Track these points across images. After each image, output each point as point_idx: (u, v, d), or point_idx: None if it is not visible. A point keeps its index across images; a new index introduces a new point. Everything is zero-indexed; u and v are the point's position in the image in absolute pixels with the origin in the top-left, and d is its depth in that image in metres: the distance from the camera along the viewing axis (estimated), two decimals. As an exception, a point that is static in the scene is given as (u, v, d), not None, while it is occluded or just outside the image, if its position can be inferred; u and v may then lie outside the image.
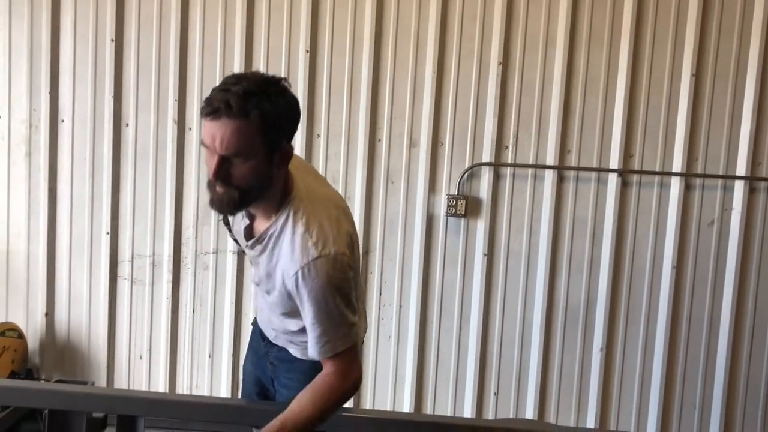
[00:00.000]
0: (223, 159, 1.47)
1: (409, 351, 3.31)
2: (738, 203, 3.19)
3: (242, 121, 1.44)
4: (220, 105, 1.45)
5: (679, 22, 3.14)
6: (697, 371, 3.29)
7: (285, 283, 1.60)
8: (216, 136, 1.45)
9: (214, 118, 1.45)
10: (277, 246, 1.61)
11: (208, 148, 1.49)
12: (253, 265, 1.75)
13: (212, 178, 1.50)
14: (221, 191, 1.52)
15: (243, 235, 1.71)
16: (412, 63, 3.21)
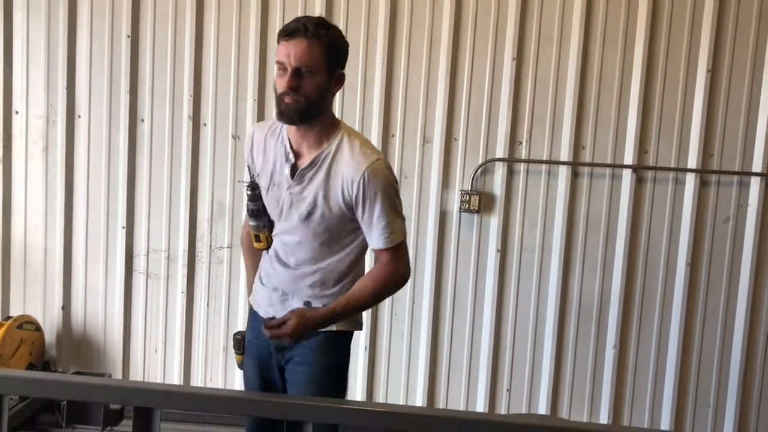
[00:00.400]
0: (295, 71, 1.78)
1: (422, 346, 3.32)
2: (754, 200, 3.17)
3: (314, 41, 1.78)
4: (298, 26, 1.78)
5: (695, 16, 3.11)
6: (712, 369, 3.27)
7: (349, 189, 1.87)
8: (291, 52, 1.78)
9: (291, 38, 1.78)
10: (335, 162, 1.89)
11: (282, 66, 1.80)
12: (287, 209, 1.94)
13: (286, 88, 1.78)
14: (290, 101, 1.80)
15: (288, 177, 1.91)
16: (425, 59, 3.20)
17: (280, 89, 1.82)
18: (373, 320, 3.31)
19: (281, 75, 1.81)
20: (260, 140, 2.00)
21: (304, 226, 1.93)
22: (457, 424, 1.64)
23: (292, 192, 1.93)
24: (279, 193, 1.95)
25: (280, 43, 1.82)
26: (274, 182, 1.95)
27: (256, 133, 2.03)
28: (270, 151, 1.96)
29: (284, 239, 2.00)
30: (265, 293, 2.07)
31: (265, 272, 2.08)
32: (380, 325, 3.33)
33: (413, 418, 1.66)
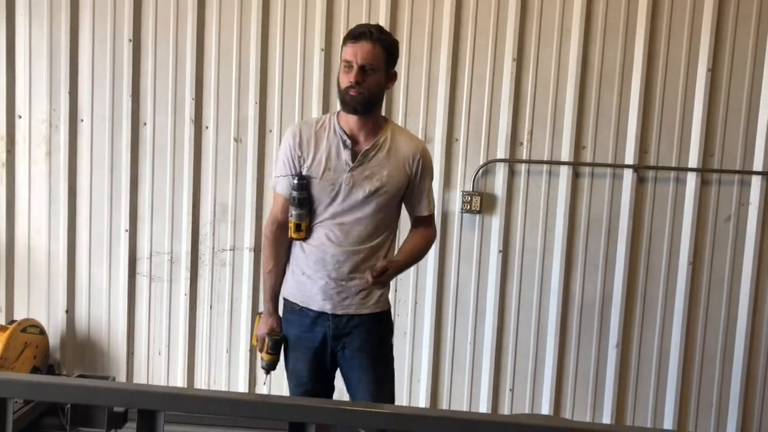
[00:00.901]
0: (361, 68, 2.09)
1: (425, 347, 3.31)
2: (755, 198, 3.16)
3: (376, 44, 2.10)
4: (364, 31, 2.11)
5: (695, 15, 3.11)
6: (714, 368, 3.26)
7: (410, 164, 2.24)
8: (358, 53, 2.09)
9: (358, 40, 2.10)
10: (393, 143, 2.22)
11: (348, 64, 2.10)
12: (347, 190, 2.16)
13: (352, 82, 2.09)
14: (355, 94, 2.10)
15: (347, 160, 2.16)
16: (426, 59, 3.20)
17: (345, 84, 2.12)
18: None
19: (347, 72, 2.11)
20: (309, 135, 2.21)
21: (367, 203, 2.18)
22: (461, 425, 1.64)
23: (353, 174, 2.17)
24: (336, 176, 2.16)
25: (346, 45, 2.12)
26: (329, 167, 2.17)
27: (304, 129, 2.22)
28: (322, 142, 2.19)
29: (341, 220, 2.18)
30: (316, 285, 2.21)
31: (313, 264, 2.20)
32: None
33: (416, 419, 1.65)
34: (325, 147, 2.19)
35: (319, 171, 2.17)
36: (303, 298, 2.25)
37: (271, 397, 1.83)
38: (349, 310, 2.22)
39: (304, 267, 2.23)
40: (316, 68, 3.22)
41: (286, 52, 3.24)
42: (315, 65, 3.22)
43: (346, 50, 2.12)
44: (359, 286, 2.21)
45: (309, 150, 2.19)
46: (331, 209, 2.18)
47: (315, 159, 2.18)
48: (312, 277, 2.22)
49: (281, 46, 3.23)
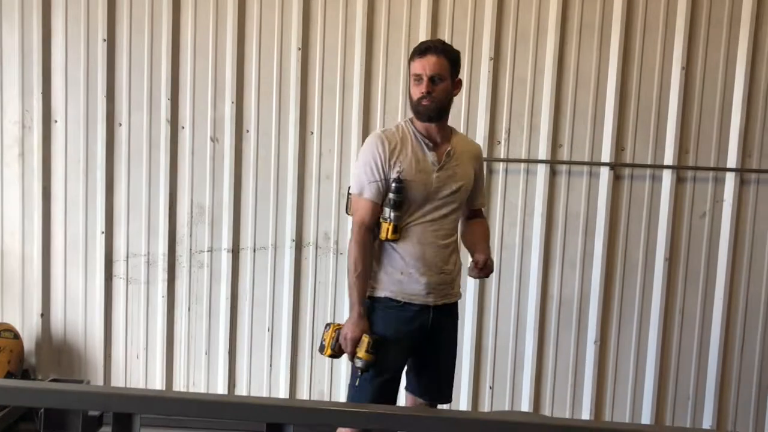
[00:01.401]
0: (430, 78, 2.28)
1: (405, 346, 3.31)
2: (729, 195, 3.21)
3: (441, 56, 2.29)
4: (430, 46, 2.31)
5: (669, 15, 3.15)
6: (691, 363, 3.30)
7: (477, 162, 2.50)
8: (426, 65, 2.28)
9: (424, 55, 2.29)
10: (461, 144, 2.44)
11: (419, 77, 2.30)
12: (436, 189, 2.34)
13: (424, 92, 2.28)
14: (427, 103, 2.30)
15: (434, 162, 2.35)
16: (404, 59, 3.20)
17: (417, 95, 2.31)
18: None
19: (417, 84, 2.31)
20: (396, 141, 2.34)
21: (452, 200, 2.38)
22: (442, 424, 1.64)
23: (440, 174, 2.34)
24: (426, 177, 2.33)
25: (414, 60, 2.31)
26: (419, 170, 2.32)
27: (389, 137, 2.35)
28: (408, 147, 2.34)
29: (432, 217, 2.36)
30: (419, 282, 2.34)
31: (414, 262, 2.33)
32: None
33: (397, 418, 1.66)
34: (411, 151, 2.34)
35: (412, 173, 2.32)
36: (404, 295, 2.36)
37: (249, 398, 1.82)
38: (447, 300, 2.43)
39: (402, 266, 2.35)
40: (293, 68, 3.21)
41: (263, 51, 3.22)
42: (292, 65, 3.21)
43: (415, 65, 2.31)
44: (451, 277, 2.42)
45: (400, 155, 2.32)
46: (424, 209, 2.35)
47: (407, 163, 2.32)
48: (413, 275, 2.35)
49: (258, 46, 3.21)
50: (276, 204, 3.27)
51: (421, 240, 2.35)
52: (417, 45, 2.37)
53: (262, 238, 3.28)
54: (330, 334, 2.42)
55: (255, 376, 3.36)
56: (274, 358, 3.34)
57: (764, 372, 3.30)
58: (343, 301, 3.29)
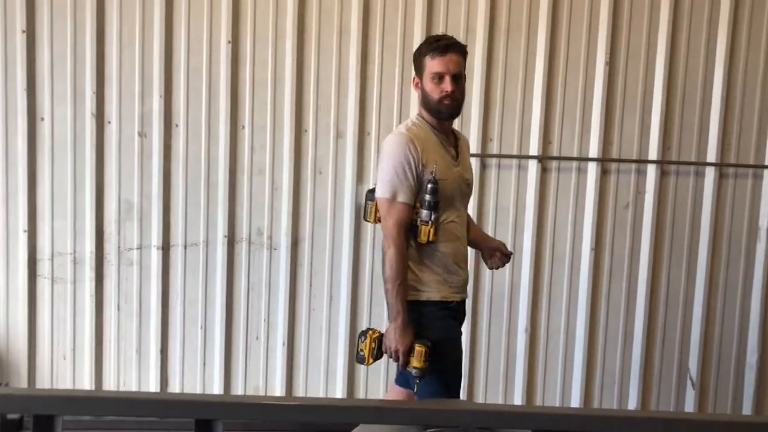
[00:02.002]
0: (453, 77, 2.30)
1: (341, 341, 3.35)
2: (651, 186, 3.37)
3: (461, 55, 2.34)
4: (450, 43, 2.32)
5: (593, 10, 3.28)
6: (616, 348, 3.46)
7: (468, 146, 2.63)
8: (450, 64, 2.30)
9: (446, 52, 2.29)
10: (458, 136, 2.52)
11: (440, 75, 2.29)
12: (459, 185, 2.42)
13: (449, 91, 2.29)
14: (450, 102, 2.32)
15: (454, 158, 2.41)
16: (336, 53, 3.23)
17: (439, 94, 2.31)
18: (291, 316, 3.32)
19: (438, 83, 2.30)
20: (422, 142, 2.33)
21: (469, 193, 2.53)
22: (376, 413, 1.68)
23: (459, 168, 2.42)
24: (453, 174, 2.37)
25: (434, 58, 2.30)
26: (447, 167, 2.36)
27: (415, 139, 2.32)
28: (431, 146, 2.34)
29: (460, 212, 2.44)
30: (459, 279, 2.43)
31: (452, 259, 2.39)
32: (298, 320, 3.34)
33: (331, 410, 1.69)
34: (434, 149, 2.35)
35: (443, 172, 2.33)
36: (452, 295, 2.40)
37: (176, 394, 1.82)
38: (467, 295, 2.54)
39: (445, 266, 2.38)
40: (223, 61, 3.19)
41: (192, 43, 3.18)
42: (222, 58, 3.19)
43: (435, 63, 2.30)
44: None
45: (430, 155, 2.32)
46: (454, 205, 2.40)
47: (437, 161, 2.32)
48: (454, 272, 2.40)
49: (186, 38, 3.18)
50: (207, 200, 3.25)
51: (454, 236, 2.40)
52: (432, 41, 2.36)
53: (193, 235, 3.26)
54: (369, 344, 2.39)
55: (188, 374, 3.34)
56: (208, 356, 3.33)
57: (683, 354, 3.49)
58: (276, 297, 3.31)
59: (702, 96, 3.36)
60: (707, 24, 3.32)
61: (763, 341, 3.51)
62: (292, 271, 3.31)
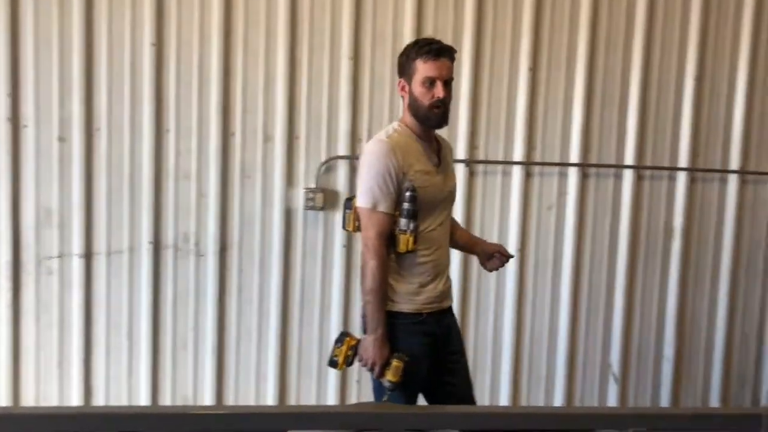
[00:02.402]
0: (445, 82, 2.27)
1: (271, 346, 3.36)
2: (572, 188, 3.52)
3: (451, 60, 2.32)
4: (442, 48, 2.28)
5: (515, 17, 3.39)
6: (542, 346, 3.60)
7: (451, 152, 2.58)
8: (442, 69, 2.27)
9: (439, 57, 2.26)
10: (441, 142, 2.48)
11: (431, 80, 2.25)
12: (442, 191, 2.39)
13: (442, 97, 2.26)
14: (440, 109, 2.29)
15: (435, 165, 2.36)
16: (263, 55, 3.23)
17: (429, 100, 2.27)
18: (219, 323, 3.30)
19: (429, 88, 2.26)
20: (404, 150, 2.29)
21: (451, 199, 2.48)
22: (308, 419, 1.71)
23: (441, 175, 2.38)
24: (435, 181, 2.34)
25: (426, 62, 2.25)
26: (428, 175, 2.32)
27: (396, 147, 2.28)
28: (413, 154, 2.31)
29: (442, 220, 2.40)
30: (437, 289, 2.38)
31: (432, 269, 2.36)
32: (227, 327, 3.33)
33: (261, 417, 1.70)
34: (415, 156, 2.31)
35: (422, 179, 2.29)
36: (425, 306, 2.36)
37: (100, 408, 1.80)
38: (451, 302, 2.50)
39: (419, 276, 2.35)
40: (147, 64, 3.14)
41: (114, 46, 3.12)
42: (145, 61, 3.14)
43: (427, 67, 2.26)
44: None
45: (410, 162, 2.28)
46: (435, 213, 2.35)
47: (416, 169, 2.29)
48: (431, 282, 2.37)
49: (108, 39, 3.11)
50: (131, 206, 3.19)
51: (436, 245, 2.36)
52: (423, 44, 2.29)
53: (116, 242, 3.19)
54: (344, 350, 2.39)
55: (113, 386, 3.27)
56: (134, 366, 3.27)
57: (606, 350, 3.66)
58: (205, 303, 3.28)
59: (620, 100, 3.53)
60: (625, 27, 3.50)
61: (679, 335, 3.73)
62: (221, 277, 3.29)
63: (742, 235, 3.73)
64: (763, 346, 3.83)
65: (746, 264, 3.76)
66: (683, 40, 3.55)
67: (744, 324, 3.80)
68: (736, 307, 3.77)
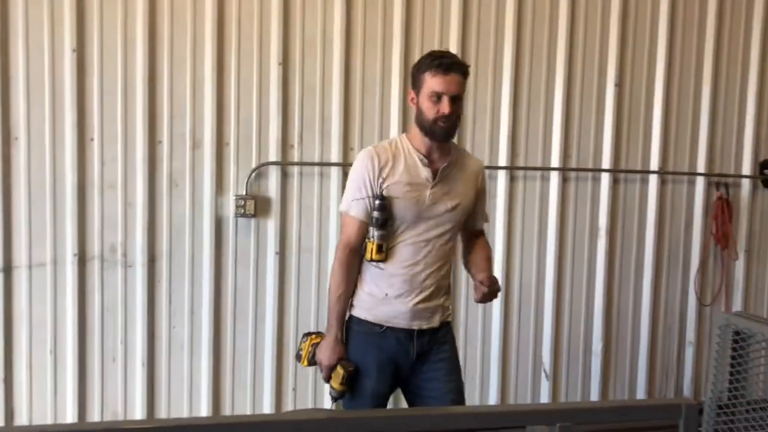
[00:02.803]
0: (452, 98, 2.24)
1: (204, 357, 3.33)
2: (501, 191, 3.63)
3: (462, 75, 2.29)
4: (453, 63, 2.27)
5: (443, 24, 3.48)
6: (476, 345, 3.69)
7: (479, 179, 2.47)
8: (452, 84, 2.24)
9: (448, 72, 2.24)
10: (462, 160, 2.43)
11: (437, 95, 2.24)
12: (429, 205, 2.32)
13: (447, 112, 2.24)
14: (446, 125, 2.27)
15: (428, 178, 2.32)
16: (190, 61, 3.21)
17: (434, 115, 2.26)
18: (149, 335, 3.25)
19: (435, 103, 2.25)
20: (387, 158, 2.33)
21: (447, 220, 2.35)
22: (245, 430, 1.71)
23: (434, 191, 2.32)
24: (418, 194, 2.30)
25: (435, 76, 2.24)
26: (412, 187, 2.30)
27: (381, 152, 2.34)
28: (400, 164, 2.32)
29: (425, 237, 2.34)
30: (406, 306, 2.32)
31: (400, 284, 2.32)
32: (158, 339, 3.28)
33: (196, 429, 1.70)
34: (403, 167, 2.31)
35: (400, 190, 2.29)
36: (388, 318, 2.35)
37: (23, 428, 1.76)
38: (433, 324, 2.39)
39: (388, 288, 2.33)
40: (68, 70, 3.06)
41: (31, 52, 3.02)
42: (66, 67, 3.06)
43: (435, 82, 2.25)
44: (439, 303, 2.40)
45: (389, 171, 2.30)
46: (417, 228, 2.31)
47: (396, 179, 2.29)
48: (399, 297, 2.33)
49: (25, 46, 3.02)
50: (54, 217, 3.10)
51: (412, 260, 2.31)
52: (434, 57, 2.30)
53: (38, 255, 3.10)
54: (307, 346, 2.42)
55: (37, 404, 3.18)
56: (59, 382, 3.18)
57: (537, 348, 3.78)
58: (134, 315, 3.23)
59: (545, 106, 3.67)
60: (548, 38, 3.63)
61: (607, 330, 3.89)
62: (150, 289, 3.24)
63: (662, 232, 3.92)
64: (684, 338, 4.04)
65: (667, 260, 3.96)
66: (603, 49, 3.72)
67: (666, 318, 3.99)
68: (659, 302, 3.97)
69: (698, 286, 3.99)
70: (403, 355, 2.37)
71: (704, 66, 3.88)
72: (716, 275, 4.03)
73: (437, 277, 2.38)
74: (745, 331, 2.15)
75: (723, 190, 3.95)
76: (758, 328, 2.10)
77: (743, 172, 4.01)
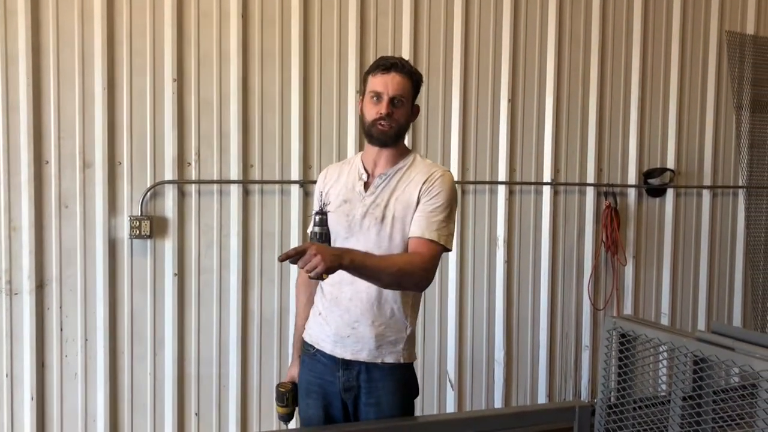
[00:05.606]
0: (391, 100, 2.18)
1: (100, 385, 3.29)
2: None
3: (405, 76, 2.21)
4: (395, 62, 2.20)
5: (341, 42, 3.62)
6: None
7: (420, 186, 2.20)
8: (389, 84, 2.17)
9: (388, 71, 2.18)
10: (408, 172, 2.26)
11: (377, 95, 2.18)
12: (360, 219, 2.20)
13: (383, 113, 2.17)
14: (385, 127, 2.18)
15: (360, 191, 2.24)
16: (78, 77, 3.18)
17: (373, 116, 2.20)
18: (39, 366, 3.18)
19: (375, 103, 2.20)
20: (334, 174, 2.36)
21: (377, 231, 2.19)
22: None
23: (365, 203, 2.23)
24: (350, 207, 2.24)
25: (375, 75, 2.21)
26: (345, 200, 2.26)
27: (331, 170, 2.40)
28: (343, 178, 2.32)
29: None
30: (330, 327, 2.24)
31: (329, 303, 2.25)
32: (48, 371, 3.22)
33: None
34: (344, 182, 2.31)
35: (335, 204, 2.27)
36: (317, 340, 2.29)
37: None
38: (360, 357, 2.20)
39: (321, 307, 2.30)
40: (23, 76, 3.04)
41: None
42: (21, 71, 3.04)
43: (374, 81, 2.21)
44: (377, 331, 2.19)
45: (330, 185, 2.34)
46: (347, 242, 2.20)
47: (336, 195, 2.30)
48: (327, 317, 2.26)
49: None
50: (-72, 244, 2.99)
51: (338, 278, 2.12)
52: (378, 59, 2.26)
53: None
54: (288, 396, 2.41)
55: None
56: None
57: (442, 359, 3.97)
58: (21, 346, 3.16)
59: (443, 122, 3.88)
60: (444, 55, 3.85)
61: (508, 338, 4.14)
62: (39, 317, 3.18)
63: (557, 241, 4.22)
64: (581, 342, 4.35)
65: (562, 267, 4.26)
66: (496, 67, 3.98)
67: (564, 323, 4.30)
68: (556, 308, 4.26)
69: (592, 291, 4.32)
70: (329, 383, 2.27)
71: (590, 79, 4.23)
72: (608, 280, 4.38)
73: (368, 300, 2.19)
74: (630, 333, 2.39)
75: (611, 199, 4.30)
76: (642, 330, 2.34)
77: (629, 182, 4.39)
